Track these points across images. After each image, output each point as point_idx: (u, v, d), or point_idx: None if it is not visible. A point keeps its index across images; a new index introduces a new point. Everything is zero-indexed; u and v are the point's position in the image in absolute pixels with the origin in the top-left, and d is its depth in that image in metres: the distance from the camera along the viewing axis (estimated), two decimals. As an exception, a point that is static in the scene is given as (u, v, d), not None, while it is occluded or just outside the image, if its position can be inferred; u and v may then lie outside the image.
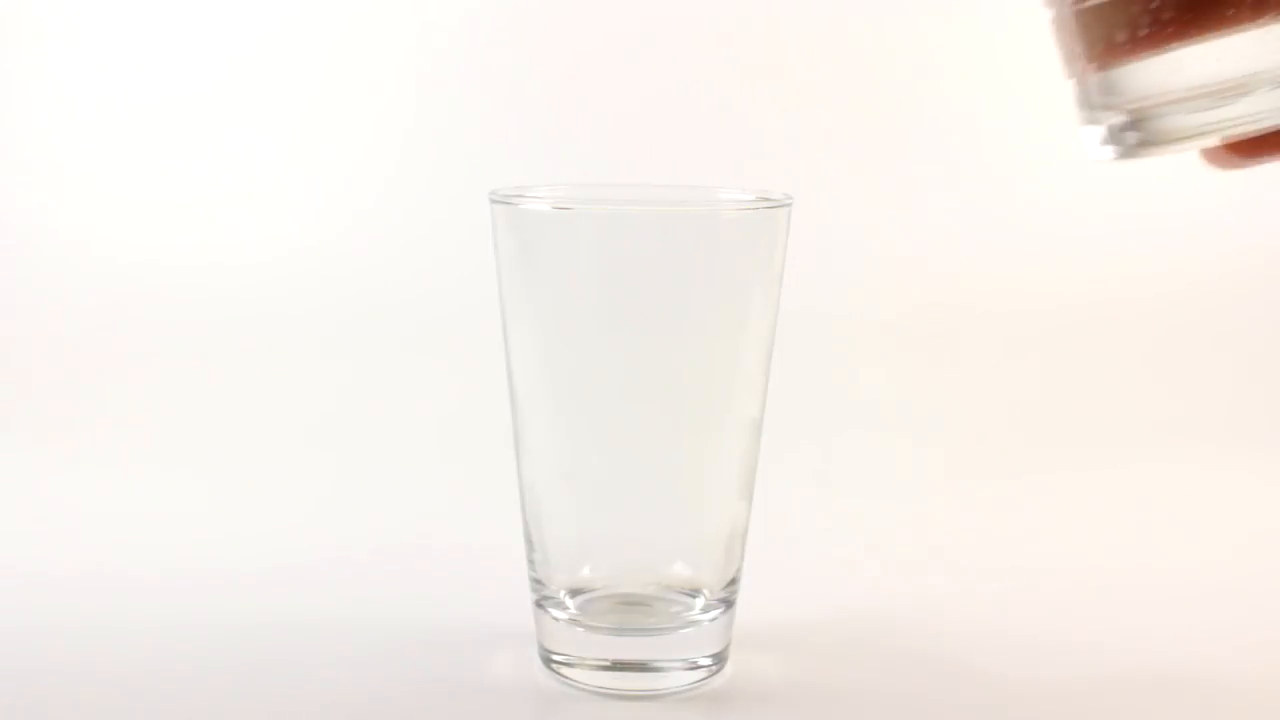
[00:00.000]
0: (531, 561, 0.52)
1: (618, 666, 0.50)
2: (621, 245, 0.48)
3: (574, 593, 0.51)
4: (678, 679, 0.51)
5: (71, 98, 1.08)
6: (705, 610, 0.51)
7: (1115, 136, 0.41)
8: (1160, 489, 0.77)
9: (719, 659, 0.52)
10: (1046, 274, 1.02)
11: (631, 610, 0.51)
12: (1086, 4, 0.40)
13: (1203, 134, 0.41)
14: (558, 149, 1.07)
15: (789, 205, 0.49)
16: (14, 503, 0.72)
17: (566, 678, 0.51)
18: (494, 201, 0.49)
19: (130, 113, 1.08)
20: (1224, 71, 0.40)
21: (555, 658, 0.51)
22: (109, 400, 0.89)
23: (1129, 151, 0.42)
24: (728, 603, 0.51)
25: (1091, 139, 0.42)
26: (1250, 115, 0.40)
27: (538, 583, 0.52)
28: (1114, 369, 0.95)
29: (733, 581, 0.52)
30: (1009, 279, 1.01)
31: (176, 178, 1.07)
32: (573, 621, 0.51)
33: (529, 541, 0.52)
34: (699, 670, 0.51)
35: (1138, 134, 0.41)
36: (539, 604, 0.52)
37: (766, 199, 0.49)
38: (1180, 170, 1.12)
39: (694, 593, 0.51)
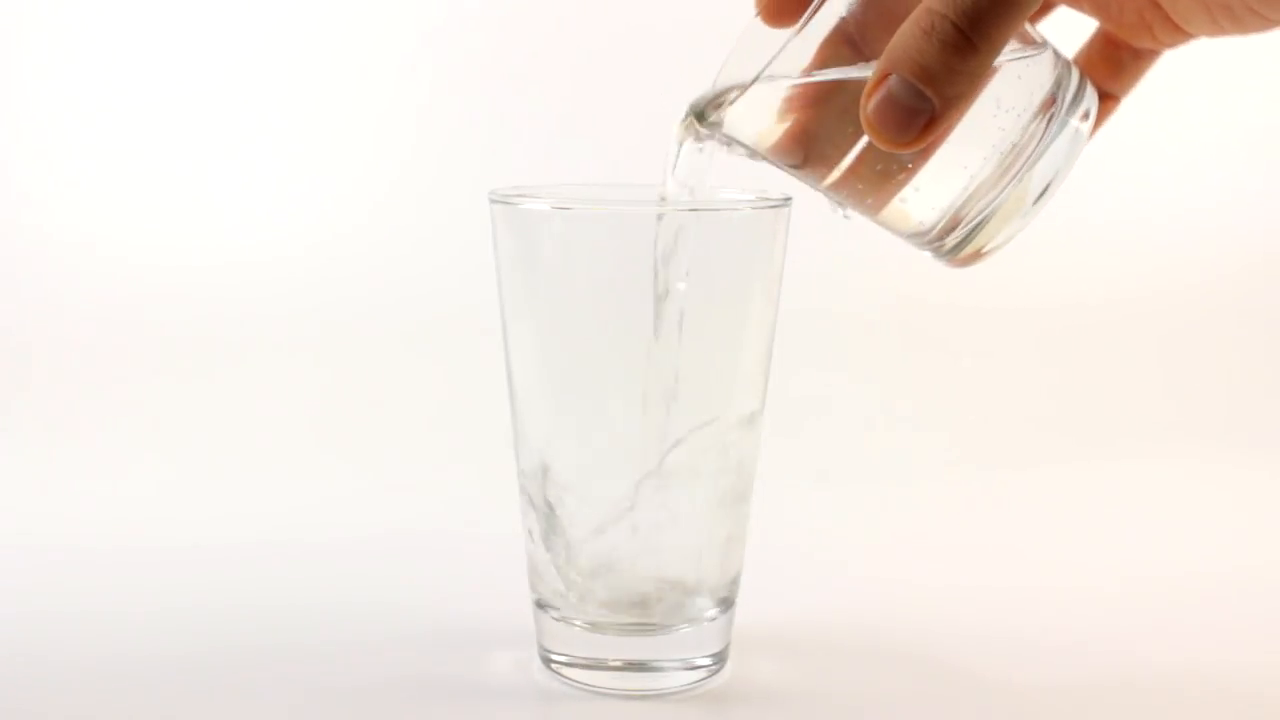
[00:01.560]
0: (530, 560, 0.52)
1: (618, 666, 0.50)
2: (621, 245, 0.48)
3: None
4: (678, 679, 0.51)
5: (77, 100, 1.07)
6: (705, 610, 0.51)
7: (940, 259, 0.44)
8: (1161, 488, 0.77)
9: (719, 659, 0.52)
10: (1047, 273, 1.02)
11: (631, 610, 0.51)
12: (824, 185, 0.43)
13: (1006, 217, 0.43)
14: (558, 150, 1.07)
15: (789, 205, 0.49)
16: (19, 498, 0.73)
17: (566, 678, 0.51)
18: (494, 201, 0.49)
19: (136, 115, 1.07)
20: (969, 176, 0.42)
21: (555, 658, 0.51)
22: (115, 398, 0.89)
23: (961, 264, 0.44)
24: (728, 603, 0.52)
25: (933, 259, 0.44)
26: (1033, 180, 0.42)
27: (537, 582, 0.52)
28: (1114, 368, 0.95)
29: (733, 581, 0.52)
30: (1009, 278, 1.01)
31: (182, 180, 1.07)
32: (572, 621, 0.51)
33: (528, 541, 0.52)
34: (699, 670, 0.51)
35: (947, 254, 0.43)
36: (539, 604, 0.52)
37: (766, 199, 0.49)
38: (1180, 169, 1.12)
39: (694, 593, 0.51)
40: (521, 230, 0.49)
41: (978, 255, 0.43)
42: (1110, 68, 0.48)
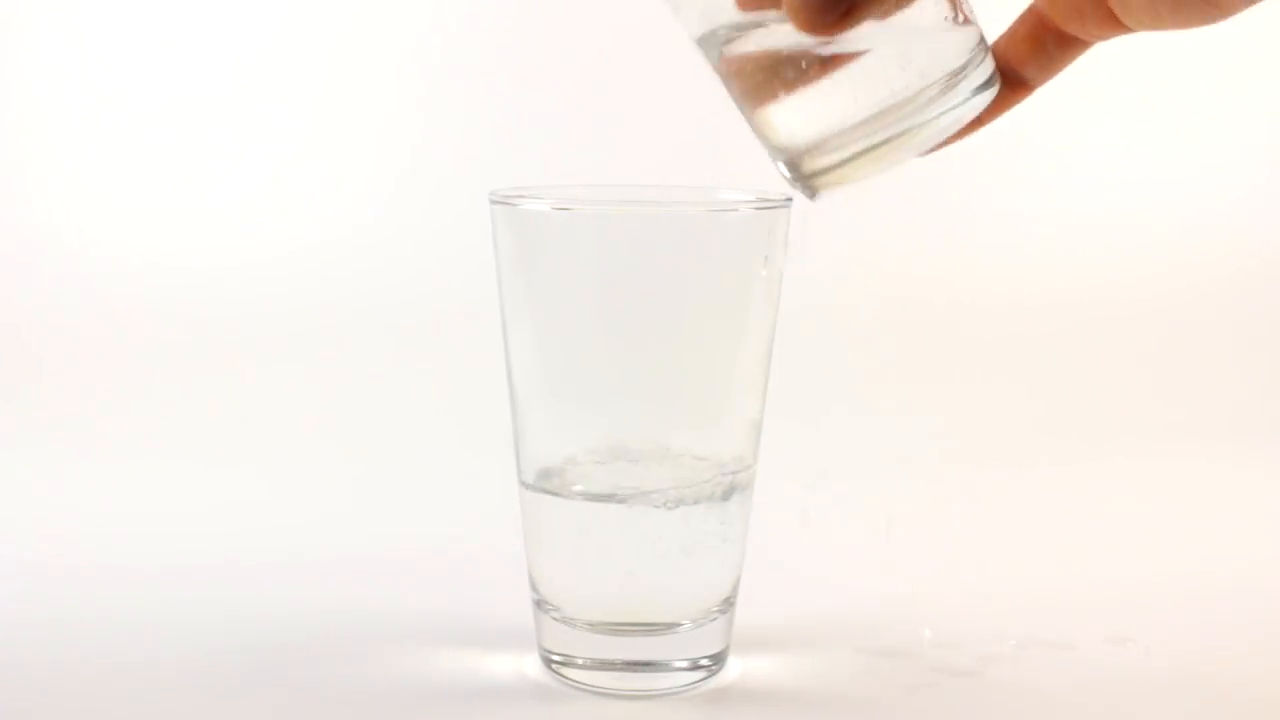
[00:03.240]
0: (530, 561, 0.52)
1: (618, 666, 0.50)
2: (621, 245, 0.48)
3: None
4: (678, 679, 0.51)
5: (82, 101, 1.08)
6: (705, 610, 0.51)
7: (792, 177, 0.42)
8: (1161, 488, 0.77)
9: (719, 659, 0.52)
10: (1047, 272, 1.02)
11: (630, 610, 0.51)
12: (731, 58, 0.41)
13: (871, 162, 0.41)
14: (558, 150, 1.07)
15: (789, 205, 0.49)
16: (25, 500, 0.73)
17: (566, 678, 0.51)
18: (494, 202, 0.49)
19: (138, 116, 1.08)
20: (866, 103, 0.40)
21: (555, 658, 0.51)
22: (115, 399, 0.89)
23: (807, 190, 0.42)
24: (728, 603, 0.51)
25: (781, 175, 0.43)
26: (917, 130, 0.41)
27: (537, 583, 0.52)
28: (1116, 367, 0.95)
29: (733, 582, 0.52)
30: (1010, 277, 1.01)
31: (183, 181, 1.07)
32: (570, 622, 0.51)
33: (528, 540, 0.52)
34: (699, 670, 0.51)
35: (801, 176, 0.42)
36: (539, 604, 0.52)
37: (766, 199, 0.49)
38: (1182, 169, 1.12)
39: (693, 592, 0.51)
40: (521, 230, 0.49)
41: (828, 187, 0.42)
42: (1033, 49, 0.45)
